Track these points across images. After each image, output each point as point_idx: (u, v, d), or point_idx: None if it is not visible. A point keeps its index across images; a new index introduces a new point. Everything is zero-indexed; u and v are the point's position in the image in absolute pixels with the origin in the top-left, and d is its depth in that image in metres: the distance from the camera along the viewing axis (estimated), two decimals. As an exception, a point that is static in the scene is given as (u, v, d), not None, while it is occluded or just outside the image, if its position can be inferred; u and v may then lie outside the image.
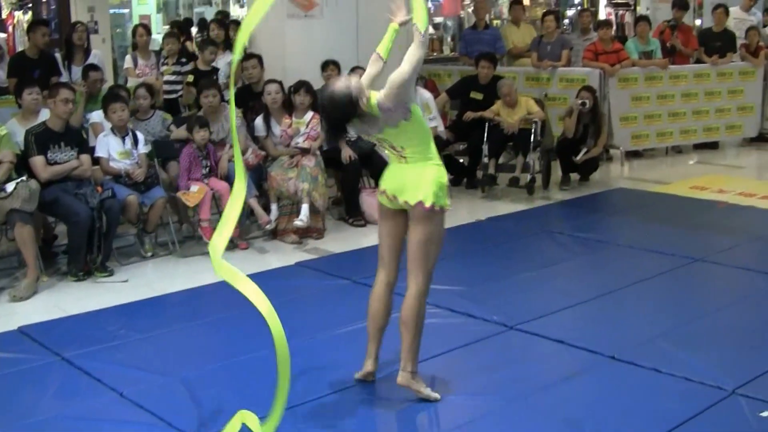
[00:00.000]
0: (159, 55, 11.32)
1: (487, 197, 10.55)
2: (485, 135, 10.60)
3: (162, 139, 9.02)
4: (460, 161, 11.43)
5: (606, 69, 12.19)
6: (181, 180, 8.52)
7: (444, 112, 11.48)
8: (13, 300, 7.15)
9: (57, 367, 5.74)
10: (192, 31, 17.67)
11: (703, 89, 13.24)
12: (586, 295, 6.94)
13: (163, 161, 8.97)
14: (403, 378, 5.08)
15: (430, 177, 4.97)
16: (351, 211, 9.48)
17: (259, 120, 9.26)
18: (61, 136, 7.81)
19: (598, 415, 4.92)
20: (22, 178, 7.45)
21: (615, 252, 8.24)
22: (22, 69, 9.89)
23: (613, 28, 15.22)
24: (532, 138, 10.46)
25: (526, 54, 13.08)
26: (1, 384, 5.53)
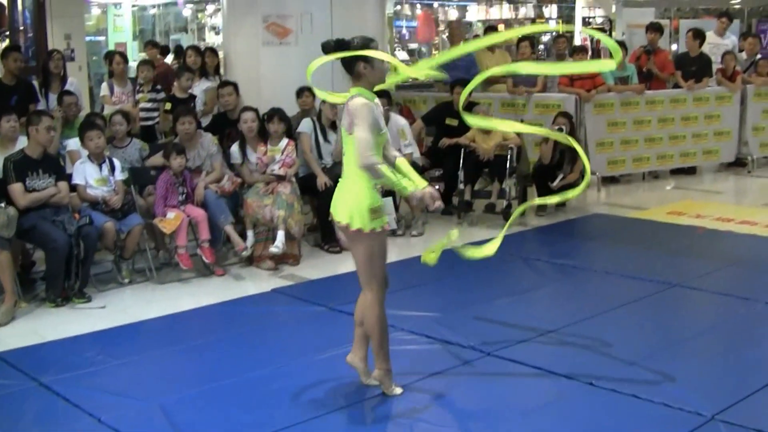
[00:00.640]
0: (135, 82, 11.31)
1: (462, 223, 10.54)
2: (461, 161, 10.59)
3: (138, 166, 9.00)
4: (436, 187, 11.39)
5: (582, 95, 12.24)
6: (157, 207, 8.50)
7: (419, 138, 11.49)
8: (-8, 326, 7.14)
9: (35, 393, 5.72)
10: (168, 58, 17.68)
11: (679, 114, 13.26)
12: (563, 321, 6.93)
13: (140, 188, 8.94)
14: (377, 374, 5.52)
15: (351, 200, 5.18)
16: (327, 238, 9.47)
17: (234, 147, 9.26)
18: (39, 164, 7.82)
19: (577, 442, 4.92)
20: (0, 205, 7.43)
21: (592, 278, 8.25)
22: (0, 96, 9.85)
23: (589, 53, 15.29)
24: (508, 164, 10.47)
25: (502, 80, 13.10)
26: (-20, 409, 5.51)
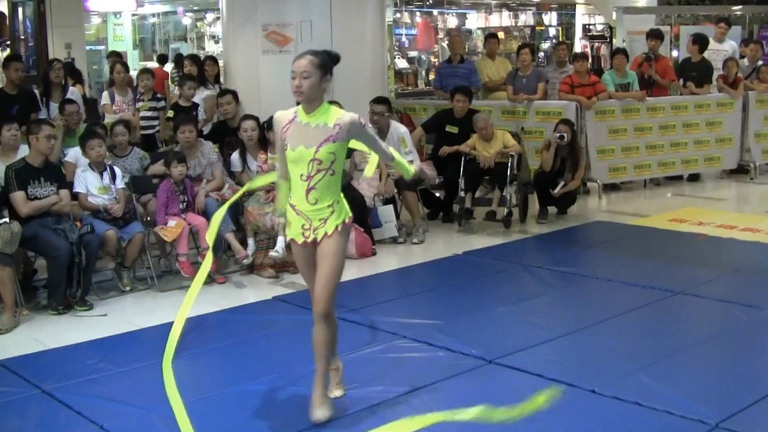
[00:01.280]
0: (135, 91, 11.33)
1: (463, 231, 10.54)
2: (461, 169, 10.60)
3: (139, 174, 9.00)
4: (437, 195, 11.43)
5: (582, 102, 12.24)
6: (158, 215, 8.50)
7: (420, 146, 11.50)
8: (-6, 333, 7.17)
9: (37, 400, 5.72)
10: (168, 67, 17.74)
11: (681, 121, 13.27)
12: (565, 328, 6.92)
13: (140, 196, 8.94)
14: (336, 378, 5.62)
15: None
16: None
17: (235, 155, 9.27)
18: (40, 172, 7.86)
19: (580, 450, 4.91)
20: (5, 220, 7.50)
21: (593, 285, 8.23)
22: (1, 105, 9.87)
23: (589, 60, 15.29)
24: (509, 171, 10.46)
25: (502, 87, 13.11)
26: (-17, 416, 5.52)
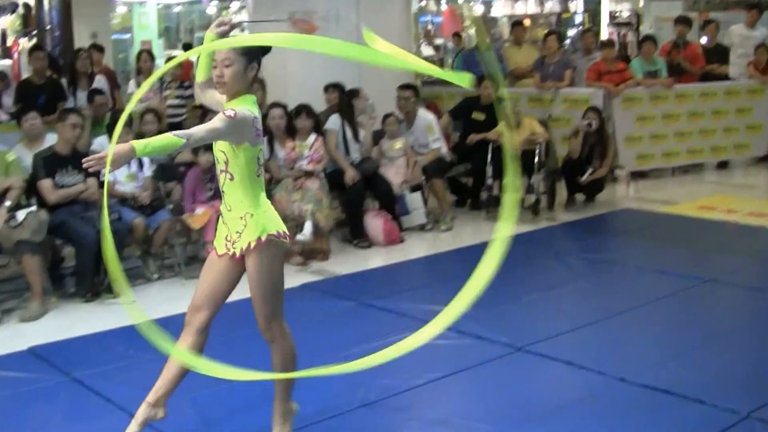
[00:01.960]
0: (161, 79, 11.34)
1: (491, 218, 10.49)
2: (489, 156, 10.56)
3: (166, 162, 9.01)
4: (464, 182, 11.41)
5: (610, 89, 12.17)
6: (186, 202, 8.52)
7: (446, 133, 11.46)
8: (23, 321, 7.22)
9: (67, 387, 5.75)
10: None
11: (710, 108, 13.18)
12: (594, 316, 6.89)
13: (167, 184, 8.95)
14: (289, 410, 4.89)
15: None
16: (355, 233, 9.46)
17: (263, 143, 9.25)
18: (68, 160, 7.90)
19: (610, 437, 4.87)
20: (33, 209, 7.55)
21: (622, 273, 8.20)
22: (28, 95, 9.93)
23: (616, 47, 15.21)
24: (536, 159, 10.42)
25: (529, 75, 13.06)
26: (12, 403, 5.56)
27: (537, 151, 10.44)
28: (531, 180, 10.46)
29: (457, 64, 14.63)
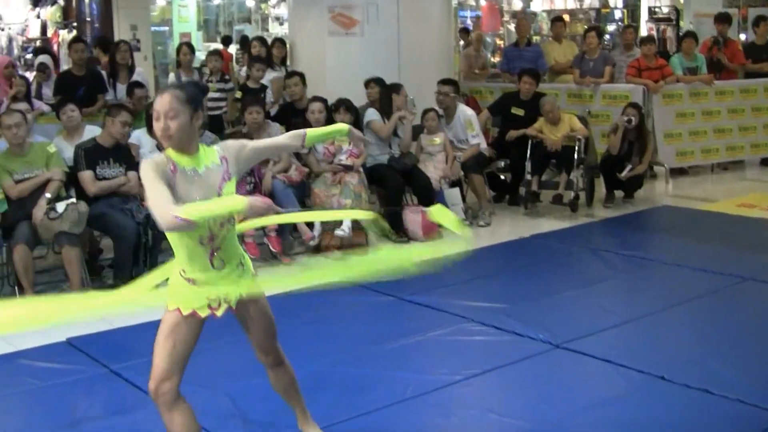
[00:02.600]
0: (200, 72, 11.39)
1: (530, 214, 10.48)
2: (528, 152, 10.54)
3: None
4: (503, 178, 11.39)
5: (649, 85, 12.09)
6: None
7: (485, 128, 11.44)
8: (61, 312, 7.24)
9: (105, 379, 5.78)
10: (232, 48, 17.83)
11: (750, 105, 13.05)
12: (632, 313, 6.86)
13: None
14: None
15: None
16: (394, 228, 9.44)
17: (302, 137, 9.27)
18: (110, 153, 7.97)
19: (650, 436, 4.85)
20: (72, 200, 7.58)
21: (661, 270, 8.13)
22: (68, 87, 9.99)
23: (656, 43, 15.10)
24: (576, 155, 10.38)
25: (568, 70, 13.00)
26: (50, 393, 5.59)
27: (576, 148, 10.39)
28: (570, 176, 10.40)
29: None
